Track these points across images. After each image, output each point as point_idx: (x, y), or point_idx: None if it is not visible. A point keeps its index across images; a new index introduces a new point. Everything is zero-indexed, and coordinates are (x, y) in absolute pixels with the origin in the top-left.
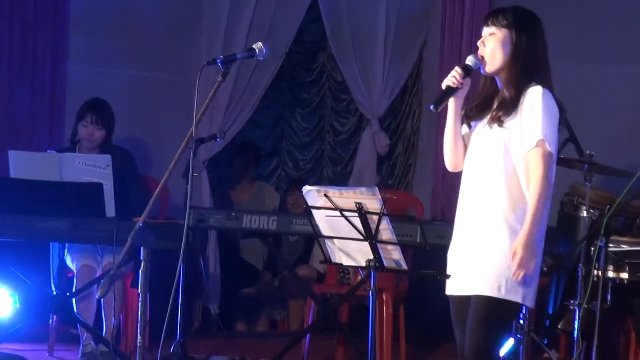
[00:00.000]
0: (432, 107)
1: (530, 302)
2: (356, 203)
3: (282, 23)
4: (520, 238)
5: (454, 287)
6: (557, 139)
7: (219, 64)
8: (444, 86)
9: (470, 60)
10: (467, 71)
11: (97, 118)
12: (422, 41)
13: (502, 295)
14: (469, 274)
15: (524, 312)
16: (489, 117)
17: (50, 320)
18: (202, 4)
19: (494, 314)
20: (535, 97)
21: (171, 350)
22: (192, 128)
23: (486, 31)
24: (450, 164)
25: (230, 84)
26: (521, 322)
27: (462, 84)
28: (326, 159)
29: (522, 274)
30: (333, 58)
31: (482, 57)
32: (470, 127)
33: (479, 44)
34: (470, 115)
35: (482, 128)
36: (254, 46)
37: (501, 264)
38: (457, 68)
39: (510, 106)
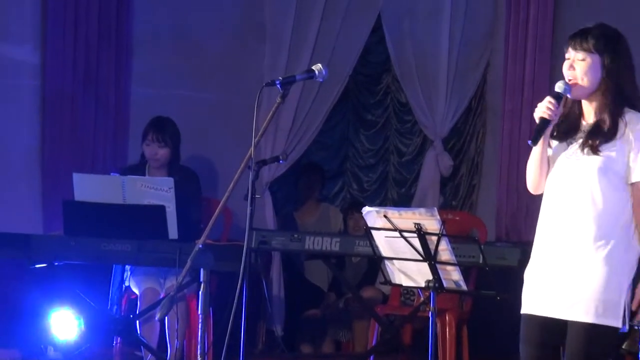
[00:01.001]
0: (530, 142)
1: (626, 326)
2: (415, 223)
3: (346, 44)
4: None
5: (540, 308)
6: None
7: (278, 86)
8: (536, 117)
9: (559, 87)
10: (558, 99)
11: (159, 136)
12: (485, 63)
13: (608, 321)
14: (564, 298)
15: None
16: (580, 141)
17: (114, 342)
18: (265, 26)
19: (601, 340)
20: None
21: None
22: (251, 149)
23: (572, 54)
24: (533, 186)
25: (293, 105)
26: None
27: (555, 114)
28: (390, 180)
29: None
30: (397, 79)
31: (570, 81)
32: (551, 147)
33: (566, 68)
34: (553, 135)
35: (573, 152)
36: (313, 67)
37: (599, 291)
38: (549, 98)
39: (607, 134)
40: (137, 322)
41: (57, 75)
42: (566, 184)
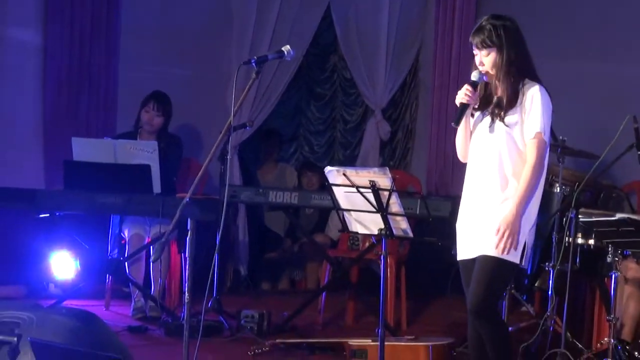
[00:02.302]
0: (453, 124)
1: (526, 263)
2: (370, 181)
3: (301, 29)
4: (506, 215)
5: (464, 253)
6: (550, 129)
7: (253, 64)
8: (458, 103)
9: (474, 76)
10: (474, 86)
11: (159, 106)
12: (418, 44)
13: (502, 255)
14: (476, 240)
15: None
16: (490, 112)
17: (106, 281)
18: (232, 13)
19: (495, 270)
20: (533, 94)
21: (209, 305)
22: (231, 118)
23: (477, 52)
24: (461, 156)
25: (257, 81)
26: None
27: (473, 99)
28: (337, 144)
29: (506, 248)
30: (343, 59)
31: (485, 72)
32: (473, 116)
33: (477, 63)
34: (475, 109)
35: (487, 122)
36: (282, 48)
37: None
38: (466, 86)
39: (509, 103)
40: (126, 263)
41: (57, 56)
42: (482, 148)
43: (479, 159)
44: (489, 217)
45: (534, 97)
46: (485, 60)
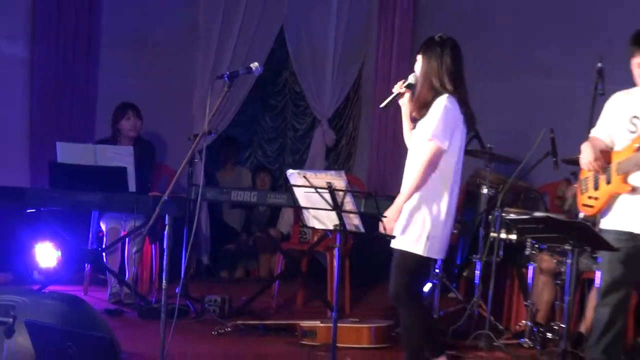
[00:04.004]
0: (381, 106)
1: (435, 255)
2: (327, 182)
3: (257, 47)
4: (392, 205)
5: (393, 242)
6: (449, 135)
7: (226, 78)
8: (393, 91)
9: (410, 78)
10: (409, 86)
11: (138, 112)
12: (360, 61)
13: (408, 248)
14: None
15: (439, 263)
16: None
17: (85, 269)
18: (199, 31)
19: (401, 261)
20: (438, 104)
21: (177, 291)
22: (205, 126)
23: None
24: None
25: (219, 93)
26: (436, 270)
27: (401, 92)
28: (287, 149)
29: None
30: (294, 74)
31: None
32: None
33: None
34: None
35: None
36: (251, 65)
37: (416, 225)
38: (400, 82)
39: (423, 112)
40: (104, 253)
41: (42, 68)
42: (409, 151)
43: (407, 161)
44: (403, 213)
45: (437, 106)
46: (416, 65)
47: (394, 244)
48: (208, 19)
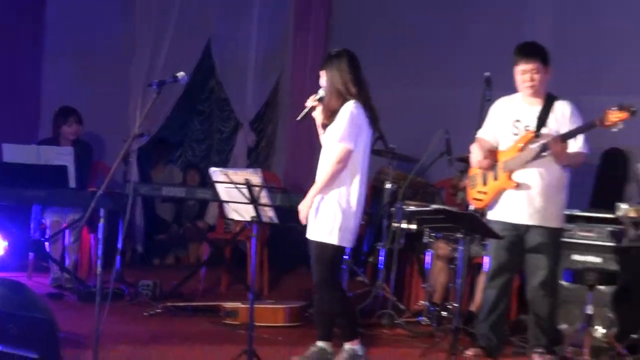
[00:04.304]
0: (297, 119)
1: (347, 243)
2: (245, 179)
3: (187, 57)
4: (305, 198)
5: (308, 233)
6: (354, 137)
7: (155, 86)
8: (307, 105)
9: (319, 91)
10: (320, 98)
11: (78, 118)
12: (279, 71)
13: (324, 239)
14: (313, 224)
15: (348, 250)
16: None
17: (29, 257)
18: (135, 42)
19: (319, 252)
20: (345, 109)
21: (112, 277)
22: (135, 129)
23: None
24: None
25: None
26: (345, 257)
27: (313, 106)
28: (214, 150)
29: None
30: (219, 82)
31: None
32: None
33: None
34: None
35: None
36: (177, 74)
37: (329, 218)
38: (312, 96)
39: (333, 118)
40: (47, 243)
41: None
42: (323, 152)
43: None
44: (318, 206)
45: (344, 112)
46: (320, 82)
47: (310, 236)
48: (142, 32)
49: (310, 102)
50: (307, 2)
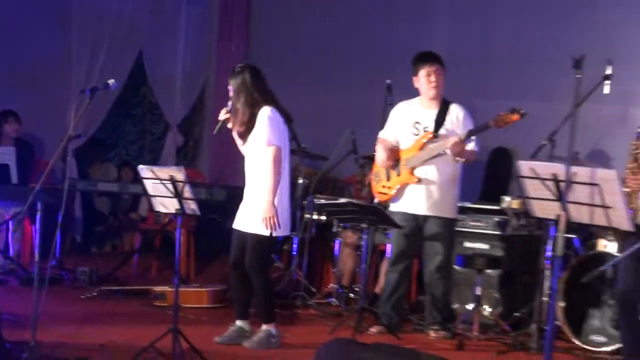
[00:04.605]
0: (214, 132)
1: (281, 233)
2: (170, 175)
3: (121, 66)
4: (265, 206)
5: (237, 224)
6: (279, 137)
7: (88, 92)
8: (220, 119)
9: (229, 104)
10: (230, 110)
11: (17, 118)
12: (204, 79)
13: (260, 231)
14: (246, 218)
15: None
16: None
17: None
18: (71, 52)
19: (258, 243)
20: (262, 115)
21: (51, 263)
22: (70, 131)
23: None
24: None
25: (90, 103)
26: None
27: (226, 118)
28: (146, 149)
29: (268, 223)
30: (150, 88)
31: None
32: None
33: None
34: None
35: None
36: (108, 82)
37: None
38: (223, 109)
39: (249, 126)
40: None
41: None
42: (250, 157)
43: (250, 165)
44: (252, 203)
45: (262, 118)
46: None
47: (246, 228)
48: (79, 41)
49: (222, 115)
50: (229, 15)
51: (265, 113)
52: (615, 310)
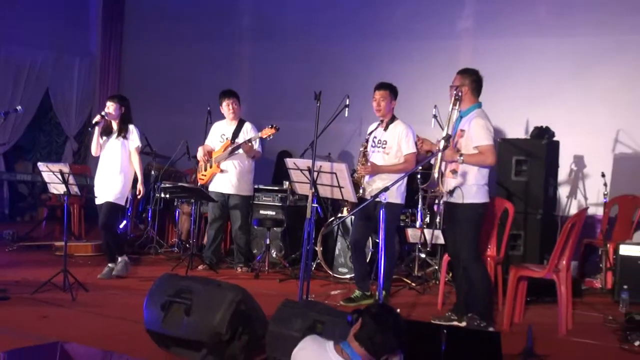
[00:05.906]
0: (90, 129)
1: (122, 202)
2: (59, 169)
3: (34, 99)
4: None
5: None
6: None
7: (2, 115)
8: (93, 122)
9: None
10: (103, 115)
11: None
12: (91, 106)
13: (112, 200)
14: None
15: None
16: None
17: None
18: None
19: (109, 209)
20: (131, 127)
21: None
22: None
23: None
24: (95, 153)
25: (6, 121)
26: (128, 213)
27: (98, 121)
28: (53, 153)
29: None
30: (55, 113)
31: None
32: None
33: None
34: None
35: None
36: (17, 107)
37: (117, 185)
38: (98, 115)
39: (121, 130)
40: None
41: None
42: (106, 152)
43: (106, 159)
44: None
45: (132, 128)
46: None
47: (102, 199)
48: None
49: (97, 118)
50: (107, 64)
51: (132, 124)
52: (351, 252)
